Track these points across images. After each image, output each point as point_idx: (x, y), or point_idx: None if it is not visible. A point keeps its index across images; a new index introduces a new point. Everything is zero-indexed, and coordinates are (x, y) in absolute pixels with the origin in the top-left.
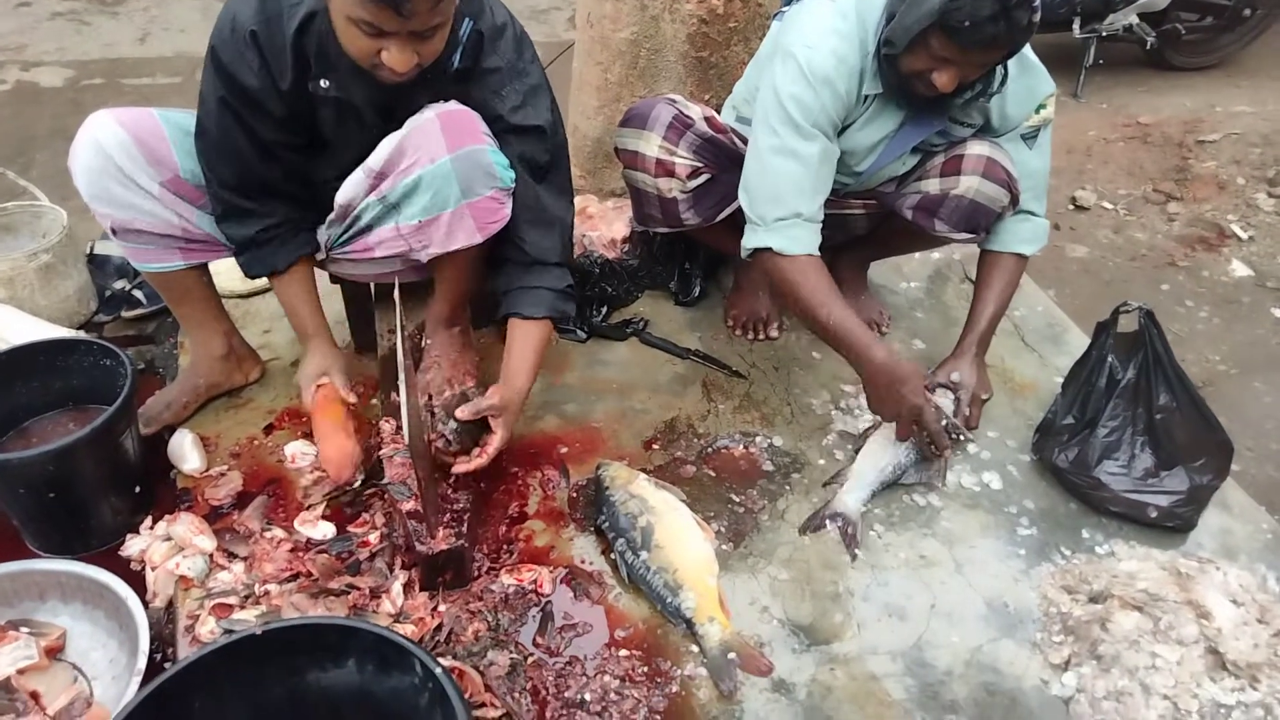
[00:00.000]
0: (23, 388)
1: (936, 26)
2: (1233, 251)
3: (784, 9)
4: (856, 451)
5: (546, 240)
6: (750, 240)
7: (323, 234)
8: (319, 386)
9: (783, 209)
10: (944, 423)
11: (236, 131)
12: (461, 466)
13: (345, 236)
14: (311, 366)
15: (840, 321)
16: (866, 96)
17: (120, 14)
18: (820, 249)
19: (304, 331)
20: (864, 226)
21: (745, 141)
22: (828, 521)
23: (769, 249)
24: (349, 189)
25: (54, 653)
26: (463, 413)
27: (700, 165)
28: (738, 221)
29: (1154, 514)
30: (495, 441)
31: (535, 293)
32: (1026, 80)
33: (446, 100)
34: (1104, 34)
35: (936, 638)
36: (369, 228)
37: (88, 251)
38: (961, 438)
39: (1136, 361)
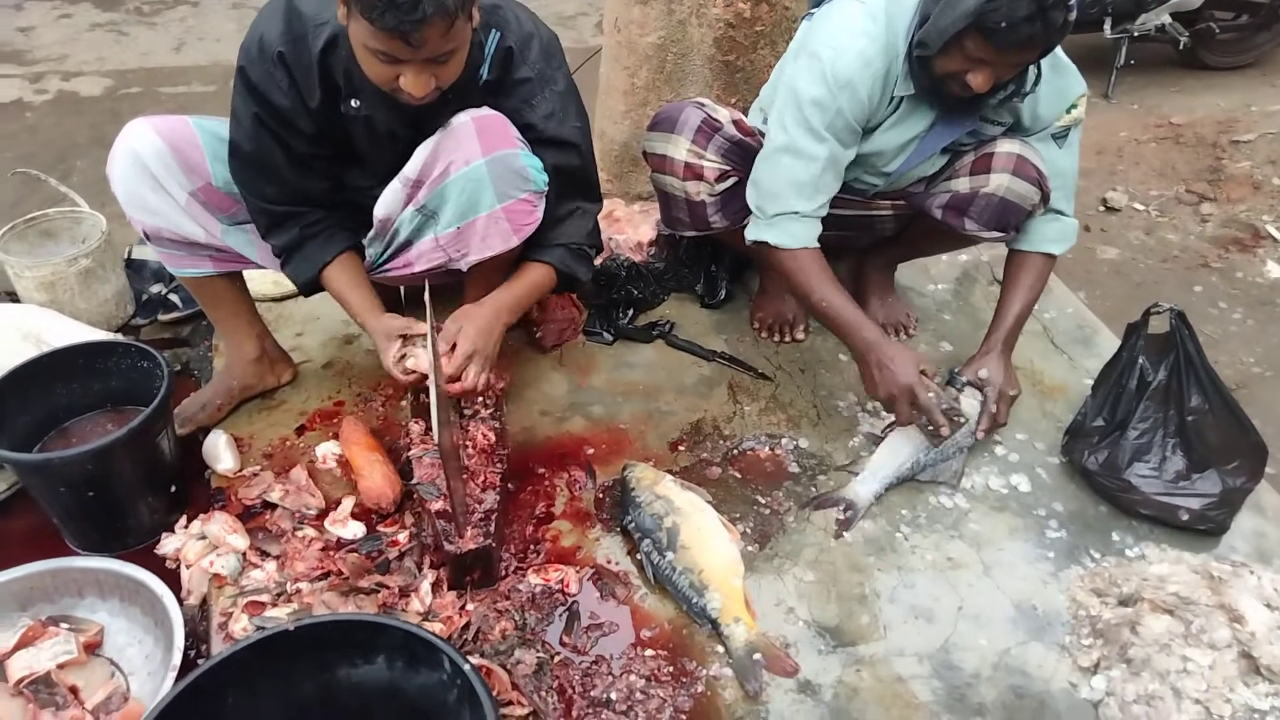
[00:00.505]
0: (63, 389)
1: (972, 28)
2: (1268, 252)
3: (812, 10)
4: (878, 444)
5: (575, 230)
6: (750, 232)
7: (366, 254)
8: (345, 419)
9: (780, 205)
10: (942, 406)
11: (273, 147)
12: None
13: (386, 254)
14: (388, 334)
15: (831, 303)
16: (894, 98)
17: (158, 24)
18: (847, 251)
19: (366, 310)
20: (892, 228)
21: None
22: (835, 508)
23: (767, 242)
24: (387, 202)
25: (92, 648)
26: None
27: (728, 168)
28: None
29: (1185, 517)
30: (457, 354)
31: (549, 247)
32: (1058, 81)
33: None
34: (1136, 34)
35: (964, 640)
36: (409, 242)
37: (126, 256)
38: (959, 420)
39: (1168, 363)
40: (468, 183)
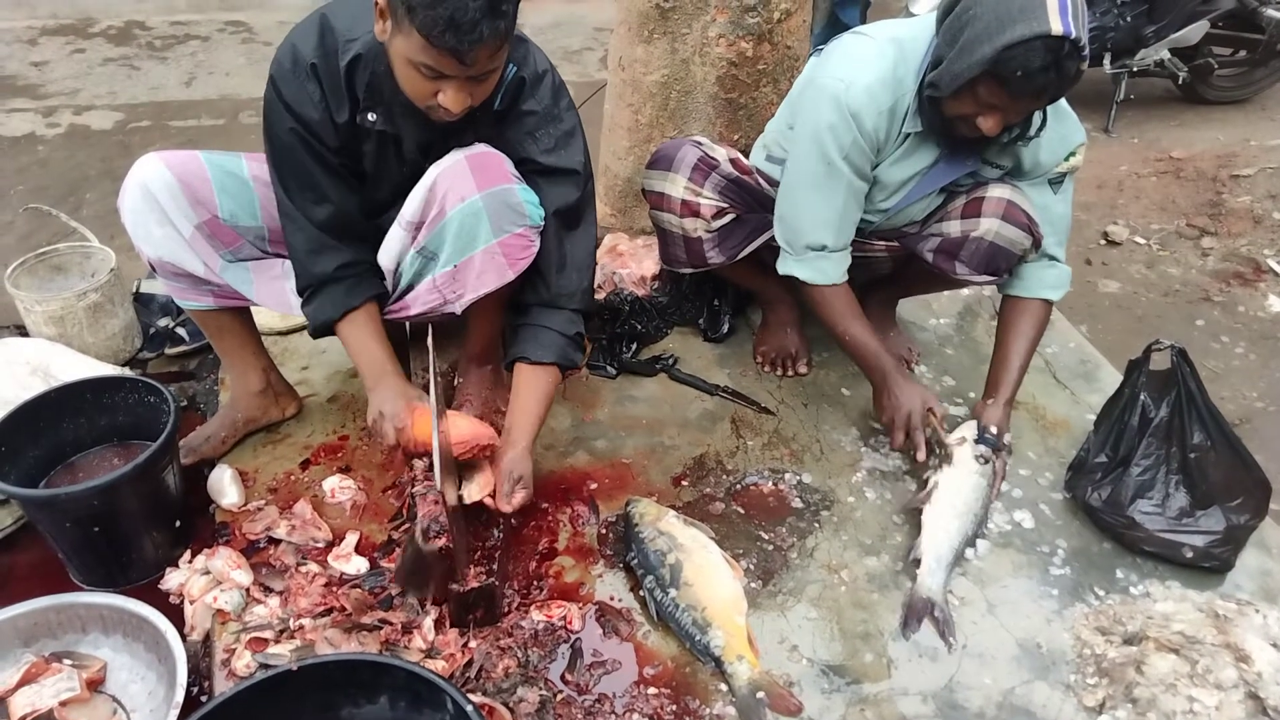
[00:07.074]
0: (70, 424)
1: (988, 74)
2: (1269, 286)
3: (820, 47)
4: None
5: (568, 284)
6: (782, 266)
7: None
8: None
9: (808, 239)
10: (929, 434)
11: (310, 162)
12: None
13: (390, 299)
14: (396, 400)
15: (856, 337)
16: (902, 134)
17: (169, 59)
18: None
19: (380, 370)
20: (888, 268)
21: (771, 182)
22: (927, 618)
23: (796, 276)
24: (390, 250)
25: (95, 685)
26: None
27: (725, 206)
28: (762, 259)
29: (1190, 554)
30: (515, 496)
31: (545, 334)
32: (1060, 127)
33: (483, 139)
34: (1135, 69)
35: (968, 679)
36: (410, 286)
37: (134, 290)
38: (941, 450)
39: (1169, 400)
40: (465, 218)
